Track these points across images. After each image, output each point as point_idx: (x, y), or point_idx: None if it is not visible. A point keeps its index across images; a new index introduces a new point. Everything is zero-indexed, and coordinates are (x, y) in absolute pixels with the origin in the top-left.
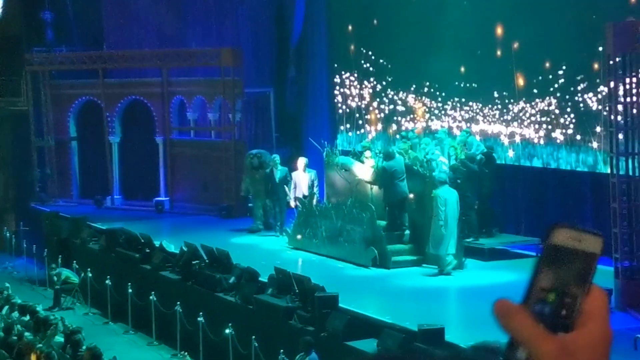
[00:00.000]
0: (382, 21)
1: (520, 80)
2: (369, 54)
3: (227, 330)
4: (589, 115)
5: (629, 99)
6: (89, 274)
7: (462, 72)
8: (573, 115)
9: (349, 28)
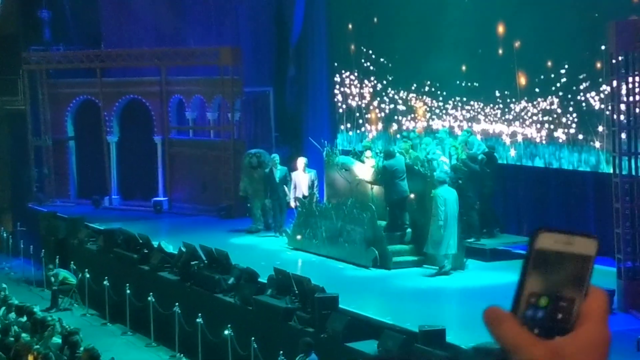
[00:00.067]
0: (383, 20)
1: (522, 79)
2: (370, 52)
3: (226, 332)
4: (592, 115)
5: (631, 98)
6: (87, 275)
7: (464, 71)
8: (575, 115)
9: (349, 27)
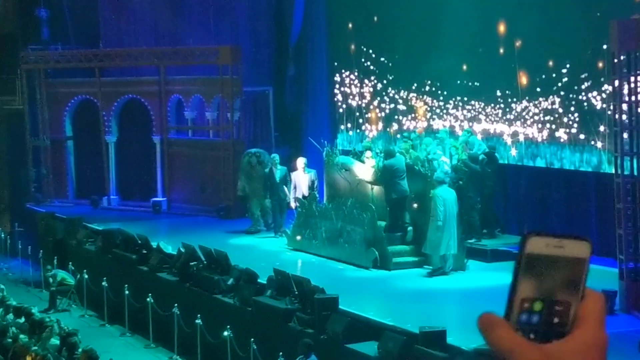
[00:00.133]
0: (383, 19)
1: (523, 79)
2: (370, 52)
3: (226, 333)
4: (593, 115)
5: (633, 97)
6: (85, 276)
7: (464, 71)
8: (577, 115)
9: (349, 26)
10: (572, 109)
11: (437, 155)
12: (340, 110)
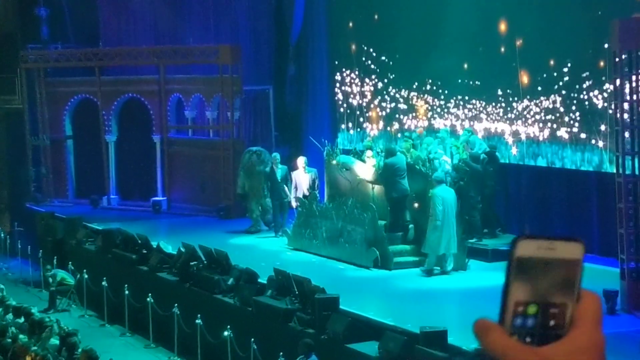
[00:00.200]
0: (383, 18)
1: (525, 78)
2: (370, 51)
3: (226, 333)
4: (595, 114)
5: (635, 96)
6: (85, 276)
7: (465, 70)
8: (578, 114)
9: (350, 25)
10: (574, 108)
11: (439, 155)
12: (341, 109)
